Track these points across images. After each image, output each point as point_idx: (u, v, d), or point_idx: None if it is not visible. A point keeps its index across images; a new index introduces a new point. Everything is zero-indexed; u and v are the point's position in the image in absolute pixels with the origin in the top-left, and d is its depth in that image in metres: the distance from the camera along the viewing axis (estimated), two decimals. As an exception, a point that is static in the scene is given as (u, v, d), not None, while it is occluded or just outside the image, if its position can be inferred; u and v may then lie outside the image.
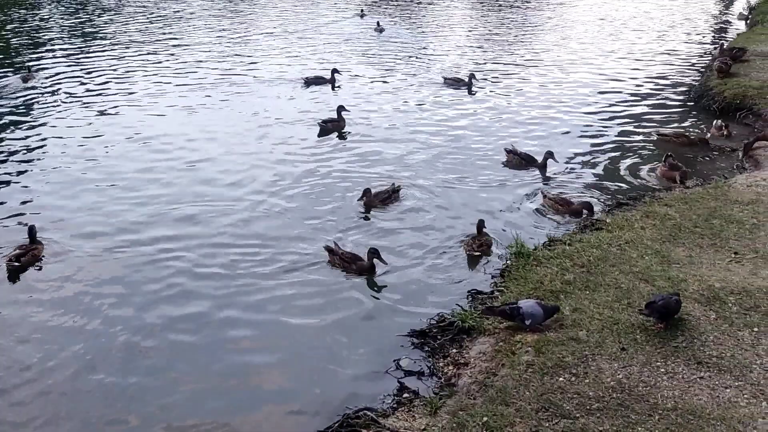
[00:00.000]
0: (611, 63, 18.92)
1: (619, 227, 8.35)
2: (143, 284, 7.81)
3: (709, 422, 4.92)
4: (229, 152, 12.18)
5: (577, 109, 14.67)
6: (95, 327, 7.00)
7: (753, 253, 7.38)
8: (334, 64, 17.46)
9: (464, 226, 9.03)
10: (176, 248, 8.59)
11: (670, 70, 17.96)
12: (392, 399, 5.76)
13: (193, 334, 6.93)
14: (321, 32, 24.53)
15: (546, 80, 17.11)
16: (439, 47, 21.92)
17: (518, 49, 21.10)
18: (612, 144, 12.46)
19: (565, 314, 6.40)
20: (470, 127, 13.48)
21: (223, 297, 7.56)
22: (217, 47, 21.33)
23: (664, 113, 14.28)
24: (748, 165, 10.96)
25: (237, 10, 29.95)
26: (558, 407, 5.18)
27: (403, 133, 13.16)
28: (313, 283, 7.82)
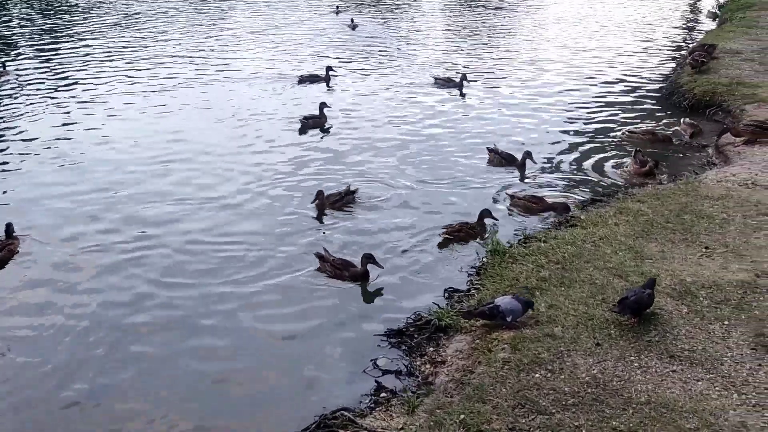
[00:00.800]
0: (584, 62, 19.11)
1: (593, 224, 8.43)
2: (116, 285, 7.74)
3: (682, 415, 5.00)
4: (205, 151, 12.09)
5: (551, 108, 14.77)
6: (65, 327, 6.91)
7: (723, 248, 7.50)
8: (305, 62, 17.43)
9: (438, 225, 9.03)
10: (151, 245, 8.59)
11: (642, 69, 18.19)
12: (370, 399, 5.75)
13: (166, 337, 6.83)
14: (295, 29, 24.50)
15: (521, 78, 17.21)
16: (417, 45, 21.96)
17: (494, 48, 21.21)
18: (586, 142, 12.58)
19: (541, 311, 6.45)
20: (451, 126, 13.47)
21: (196, 298, 7.49)
22: (189, 45, 21.15)
23: (636, 111, 14.45)
24: (718, 161, 11.13)
25: (209, 7, 29.67)
26: (534, 403, 5.21)
27: (385, 131, 13.15)
28: (289, 284, 7.76)
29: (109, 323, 7.02)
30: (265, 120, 13.88)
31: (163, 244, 8.67)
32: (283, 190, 10.37)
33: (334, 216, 9.47)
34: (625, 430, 4.89)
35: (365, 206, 9.77)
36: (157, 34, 23.24)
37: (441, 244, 8.65)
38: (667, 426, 4.89)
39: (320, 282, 7.79)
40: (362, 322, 7.00)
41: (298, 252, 8.46)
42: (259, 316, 7.19)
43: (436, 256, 8.35)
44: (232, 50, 20.66)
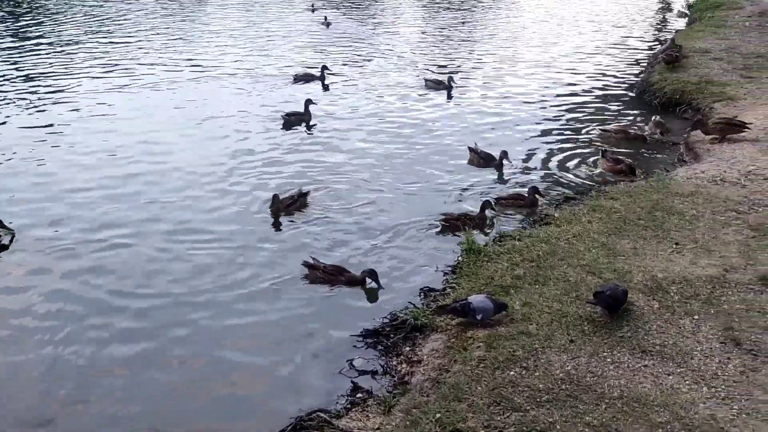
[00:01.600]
0: (556, 61, 19.27)
1: (567, 221, 8.52)
2: (85, 291, 7.65)
3: (653, 409, 5.08)
4: (186, 149, 12.09)
5: (525, 107, 14.88)
6: (35, 332, 6.80)
7: (693, 244, 7.63)
8: (283, 60, 17.37)
9: (414, 225, 9.08)
10: (121, 249, 8.56)
11: (614, 67, 18.41)
12: (346, 399, 5.76)
13: (140, 342, 6.75)
14: (270, 27, 24.50)
15: (495, 77, 17.32)
16: (396, 43, 21.99)
17: (467, 47, 21.31)
18: (560, 140, 12.69)
19: (516, 309, 6.50)
20: (432, 126, 13.46)
21: (169, 301, 7.43)
22: (163, 46, 20.93)
23: (609, 109, 14.63)
24: (688, 158, 11.32)
25: (182, 7, 29.39)
26: (509, 401, 5.26)
27: (366, 132, 13.14)
28: (263, 286, 7.72)
29: (79, 331, 6.92)
30: (248, 118, 13.83)
31: (134, 247, 8.59)
32: (256, 190, 10.29)
33: (307, 218, 9.41)
34: (598, 425, 4.95)
35: (340, 207, 9.74)
36: (128, 34, 22.97)
37: (439, 231, 8.89)
38: (638, 420, 4.97)
39: (295, 285, 7.75)
40: (338, 323, 6.98)
41: (271, 254, 8.43)
42: (233, 318, 7.15)
43: (412, 255, 8.37)
44: (207, 49, 20.54)
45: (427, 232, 8.96)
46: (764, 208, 8.36)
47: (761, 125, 11.33)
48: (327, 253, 8.35)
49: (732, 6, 21.84)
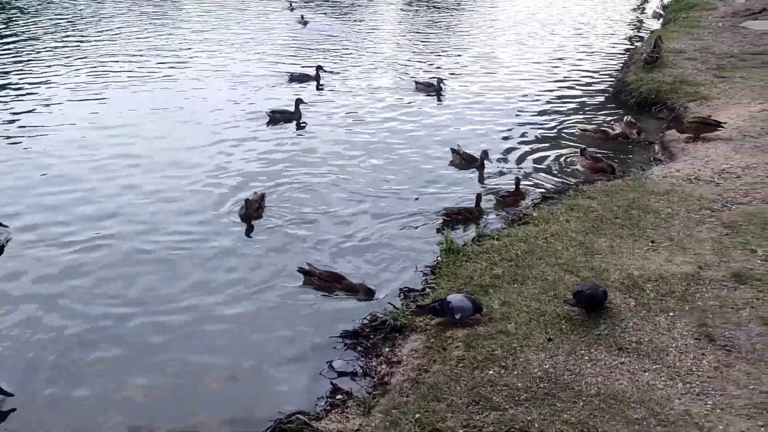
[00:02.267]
0: (534, 61, 19.42)
1: (545, 221, 8.58)
2: (63, 293, 7.57)
3: (630, 405, 5.13)
4: (164, 148, 12.10)
5: (504, 107, 14.97)
6: (8, 339, 6.69)
7: (668, 241, 7.73)
8: (262, 58, 17.32)
9: (392, 225, 9.08)
10: (104, 245, 8.53)
11: (591, 67, 18.60)
12: (325, 401, 5.74)
13: (118, 347, 6.67)
14: (246, 26, 24.52)
15: (473, 78, 17.39)
16: (373, 42, 22.02)
17: (447, 48, 21.39)
18: (539, 140, 12.76)
19: (494, 308, 6.53)
20: (414, 128, 13.45)
21: (148, 299, 7.40)
22: (142, 45, 20.75)
23: (587, 109, 14.76)
24: (664, 157, 11.48)
25: (159, 7, 29.15)
26: (488, 400, 5.28)
27: (351, 131, 13.15)
28: (242, 289, 7.66)
29: (56, 335, 6.83)
30: (227, 117, 13.78)
31: (108, 250, 8.47)
32: (237, 191, 10.24)
33: (284, 220, 9.36)
34: (575, 422, 5.00)
35: (318, 208, 9.70)
36: (103, 33, 22.72)
37: (439, 227, 9.02)
38: (615, 417, 5.03)
39: (274, 287, 7.71)
40: (317, 325, 6.96)
41: (249, 257, 8.36)
42: (210, 320, 7.09)
43: (392, 255, 8.37)
44: (183, 48, 20.43)
45: (406, 231, 8.97)
46: (737, 206, 8.50)
47: (734, 124, 11.52)
48: (305, 255, 8.29)
49: (706, 7, 22.18)
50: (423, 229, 9.02)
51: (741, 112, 12.17)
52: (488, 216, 9.37)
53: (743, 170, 9.64)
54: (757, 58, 15.52)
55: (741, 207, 8.46)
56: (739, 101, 12.78)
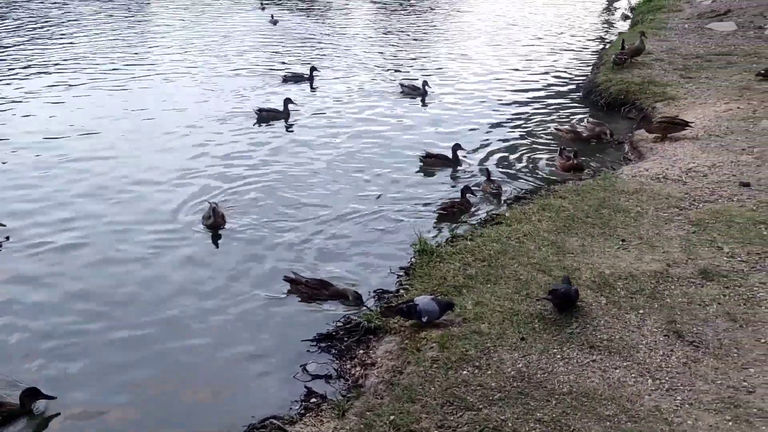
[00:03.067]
0: (506, 62, 19.60)
1: (518, 220, 8.64)
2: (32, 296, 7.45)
3: (601, 402, 5.20)
4: (146, 148, 12.11)
5: (476, 107, 15.08)
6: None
7: (638, 240, 7.85)
8: (233, 58, 17.30)
9: (362, 229, 9.09)
10: (74, 252, 8.42)
11: (562, 68, 18.82)
12: (300, 405, 5.70)
13: (88, 349, 6.58)
14: (216, 26, 24.49)
15: (448, 79, 17.48)
16: (346, 42, 22.04)
17: (419, 48, 21.47)
18: (511, 140, 12.87)
19: (468, 308, 6.56)
20: (392, 132, 13.44)
21: (117, 300, 7.34)
22: (112, 44, 20.49)
23: (558, 110, 14.92)
24: (633, 156, 11.65)
25: (127, 8, 28.77)
26: (462, 400, 5.30)
27: (327, 133, 13.17)
28: (215, 293, 7.60)
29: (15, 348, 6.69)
30: (199, 118, 13.82)
31: (77, 256, 8.37)
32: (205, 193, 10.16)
33: (256, 224, 9.29)
34: (548, 420, 5.04)
35: (291, 211, 9.67)
36: (72, 35, 22.38)
37: (436, 220, 9.37)
38: (587, 414, 5.08)
39: (246, 290, 7.65)
40: (291, 328, 6.92)
41: (220, 264, 8.28)
42: (182, 324, 7.01)
43: (365, 258, 8.37)
44: (154, 49, 20.30)
45: (380, 234, 8.97)
46: (704, 204, 8.66)
47: (700, 124, 11.74)
48: (278, 260, 8.25)
49: (672, 9, 22.59)
50: (396, 231, 9.03)
51: (707, 111, 12.42)
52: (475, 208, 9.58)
53: (709, 169, 9.83)
54: (722, 58, 15.86)
55: (708, 205, 8.62)
56: (705, 101, 13.04)
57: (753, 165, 9.76)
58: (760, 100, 12.63)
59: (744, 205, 8.48)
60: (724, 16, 20.23)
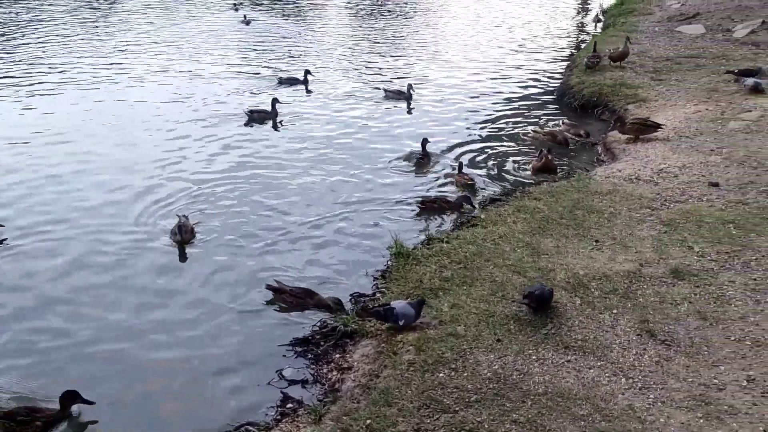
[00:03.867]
0: (480, 63, 19.74)
1: (493, 222, 8.70)
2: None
3: (576, 402, 5.24)
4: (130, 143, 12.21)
5: (451, 110, 15.15)
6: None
7: (611, 240, 7.94)
8: (206, 58, 17.21)
9: (339, 232, 9.08)
10: (44, 259, 8.25)
11: (536, 71, 19.00)
12: (276, 411, 5.67)
13: (56, 361, 6.45)
14: (190, 28, 24.36)
15: (423, 82, 17.53)
16: (321, 42, 22.04)
17: (388, 51, 21.51)
18: (486, 142, 12.97)
19: (444, 311, 6.58)
20: (363, 134, 13.49)
21: (85, 306, 7.25)
22: (84, 46, 20.21)
23: (533, 112, 15.05)
24: (606, 157, 11.80)
25: (100, 10, 28.41)
26: (439, 403, 5.31)
27: (300, 138, 13.14)
28: (191, 300, 7.52)
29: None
30: (172, 119, 13.74)
31: (48, 264, 8.22)
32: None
33: (226, 229, 9.22)
34: (524, 421, 5.07)
35: (273, 216, 9.61)
36: (42, 39, 22.03)
37: (417, 214, 9.62)
38: (562, 414, 5.12)
39: (221, 297, 7.57)
40: (266, 333, 6.88)
41: (198, 270, 8.20)
42: (159, 332, 6.92)
43: (342, 261, 8.35)
44: (128, 50, 20.08)
45: (356, 237, 8.96)
46: (675, 204, 8.80)
47: (671, 125, 11.94)
48: (254, 265, 8.19)
49: (643, 12, 22.96)
50: (373, 234, 9.02)
51: (677, 113, 12.63)
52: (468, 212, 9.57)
53: (680, 169, 10.00)
54: (691, 60, 16.15)
55: (678, 205, 8.77)
56: (675, 103, 13.26)
57: (722, 165, 9.95)
58: (728, 101, 12.89)
59: (713, 205, 8.64)
60: (693, 19, 20.62)
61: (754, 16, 19.34)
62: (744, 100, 12.81)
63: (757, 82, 13.17)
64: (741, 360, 5.66)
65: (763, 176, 9.38)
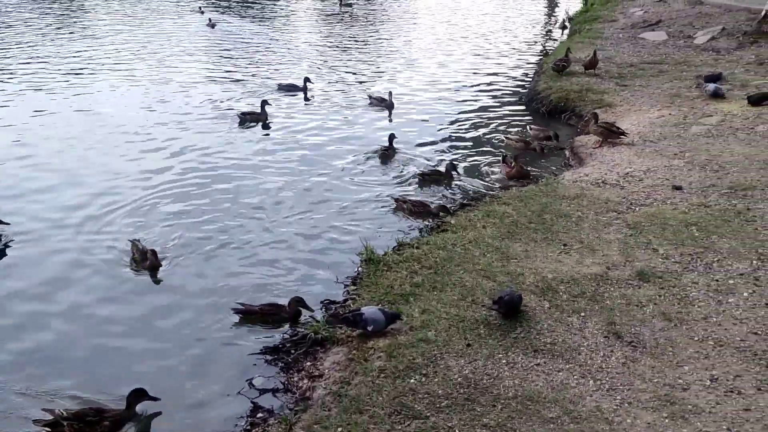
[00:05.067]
0: (447, 70, 19.91)
1: (463, 227, 8.75)
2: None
3: (545, 405, 5.29)
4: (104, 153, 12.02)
5: (420, 115, 15.24)
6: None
7: (579, 244, 8.06)
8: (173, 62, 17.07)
9: (309, 239, 9.07)
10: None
11: (504, 77, 19.22)
12: (246, 421, 5.61)
13: (15, 371, 6.30)
14: (156, 31, 24.25)
15: (396, 88, 17.59)
16: (292, 46, 21.96)
17: (354, 56, 21.56)
18: (455, 148, 13.07)
19: (415, 316, 6.59)
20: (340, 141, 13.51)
21: (52, 315, 7.10)
22: (51, 50, 19.82)
23: (501, 117, 15.20)
24: (574, 162, 11.98)
25: (65, 12, 27.93)
26: (410, 409, 5.31)
27: (278, 143, 13.16)
28: (160, 313, 7.40)
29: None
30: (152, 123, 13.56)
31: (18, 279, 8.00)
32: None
33: (193, 236, 9.13)
34: (494, 425, 5.10)
35: (237, 220, 9.55)
36: (4, 43, 21.57)
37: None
38: (532, 417, 5.17)
39: (188, 308, 7.47)
40: (236, 343, 6.80)
41: (168, 284, 8.10)
42: (128, 343, 6.80)
43: (312, 268, 8.31)
44: (96, 53, 19.71)
45: (326, 243, 8.94)
46: (640, 207, 8.97)
47: (636, 130, 12.19)
48: (223, 276, 8.10)
49: (607, 19, 23.41)
50: (343, 241, 9.01)
51: (641, 118, 12.89)
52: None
53: (645, 173, 10.20)
54: (654, 67, 16.52)
55: (644, 208, 8.94)
56: (640, 108, 13.54)
57: (685, 169, 10.19)
58: (690, 106, 13.21)
59: (677, 208, 8.82)
60: (656, 26, 21.09)
61: (714, 23, 19.86)
62: (705, 105, 13.15)
63: (717, 88, 13.52)
64: (704, 360, 5.78)
65: (724, 179, 9.62)
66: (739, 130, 11.67)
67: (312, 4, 34.94)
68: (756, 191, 9.07)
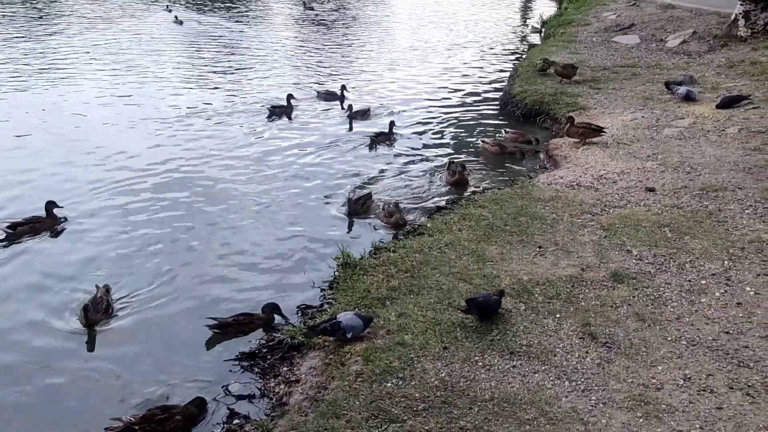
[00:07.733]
0: (423, 73, 19.95)
1: (439, 231, 8.77)
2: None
3: (521, 407, 5.32)
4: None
5: (390, 117, 15.21)
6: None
7: (554, 246, 8.12)
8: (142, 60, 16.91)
9: (285, 245, 9.03)
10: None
11: (479, 80, 19.33)
12: (222, 427, 5.56)
13: None
14: (119, 30, 24.24)
15: (366, 90, 17.61)
16: (260, 44, 21.85)
17: (328, 59, 21.54)
18: (427, 154, 13.08)
19: (392, 320, 6.58)
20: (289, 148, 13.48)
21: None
22: (20, 50, 19.45)
23: (478, 121, 15.28)
24: (549, 164, 12.08)
25: (34, 14, 27.48)
26: (387, 413, 5.30)
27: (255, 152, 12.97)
28: (135, 317, 7.30)
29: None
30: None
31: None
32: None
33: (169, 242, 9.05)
34: (471, 428, 5.11)
35: (211, 224, 9.47)
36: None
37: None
38: (508, 419, 5.19)
39: (163, 313, 7.39)
40: (212, 348, 6.74)
41: (142, 288, 7.99)
42: (104, 347, 6.69)
43: (288, 273, 8.27)
44: (62, 52, 19.36)
45: (301, 249, 8.89)
46: (614, 209, 9.08)
47: (610, 133, 12.33)
48: (199, 280, 8.03)
49: (581, 23, 23.67)
50: (320, 246, 8.96)
51: (615, 121, 13.05)
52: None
53: (618, 176, 10.32)
54: (627, 70, 16.74)
55: (617, 210, 9.05)
56: (613, 111, 13.71)
57: (657, 171, 10.33)
58: (662, 109, 13.41)
59: (650, 210, 8.95)
60: (629, 29, 21.39)
61: (686, 27, 20.21)
62: (677, 108, 13.36)
63: (689, 91, 13.75)
64: (677, 359, 5.86)
65: (696, 180, 9.78)
66: (710, 132, 11.88)
67: (276, 4, 34.97)
68: (727, 192, 9.23)
